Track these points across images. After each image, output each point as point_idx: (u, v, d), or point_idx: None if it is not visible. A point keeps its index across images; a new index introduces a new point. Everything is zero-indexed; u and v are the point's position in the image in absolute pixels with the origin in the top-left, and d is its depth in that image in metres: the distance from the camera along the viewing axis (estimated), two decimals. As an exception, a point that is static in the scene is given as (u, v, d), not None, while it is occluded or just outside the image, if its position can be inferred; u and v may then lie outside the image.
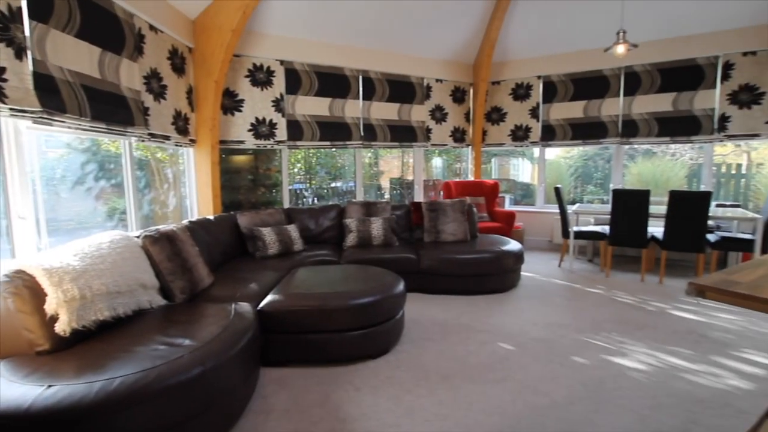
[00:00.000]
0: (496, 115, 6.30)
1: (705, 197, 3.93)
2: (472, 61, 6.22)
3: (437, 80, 6.00)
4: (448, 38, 5.72)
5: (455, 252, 3.92)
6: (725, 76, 4.86)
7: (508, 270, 3.97)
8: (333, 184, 7.11)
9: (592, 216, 5.30)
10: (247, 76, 4.74)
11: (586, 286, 4.17)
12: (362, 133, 5.47)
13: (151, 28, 3.52)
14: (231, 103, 4.68)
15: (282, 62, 4.90)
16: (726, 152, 6.33)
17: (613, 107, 5.49)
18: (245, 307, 2.35)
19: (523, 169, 7.96)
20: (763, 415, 0.95)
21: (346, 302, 2.50)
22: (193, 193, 4.48)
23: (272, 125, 4.90)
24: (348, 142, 5.41)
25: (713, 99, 4.94)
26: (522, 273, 4.52)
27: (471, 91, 6.34)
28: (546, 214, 6.07)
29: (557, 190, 4.82)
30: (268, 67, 4.83)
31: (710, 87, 4.94)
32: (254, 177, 5.71)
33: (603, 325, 3.15)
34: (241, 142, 4.76)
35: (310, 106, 5.12)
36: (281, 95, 4.92)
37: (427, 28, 5.41)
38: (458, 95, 6.23)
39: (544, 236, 6.13)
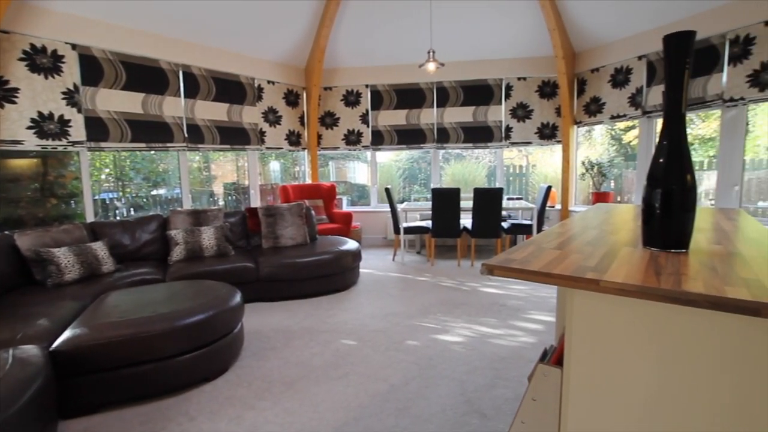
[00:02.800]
0: (329, 120, 6.48)
1: (499, 192, 4.82)
2: (305, 65, 6.27)
3: (269, 82, 5.86)
4: (281, 40, 5.65)
5: (295, 256, 3.90)
6: (507, 95, 6.05)
7: (348, 268, 4.14)
8: (154, 192, 6.25)
9: (418, 213, 5.94)
10: (22, 59, 3.77)
11: (416, 276, 4.65)
12: (186, 135, 4.95)
13: None
14: (-3, 92, 3.67)
15: (75, 46, 4.06)
16: (512, 156, 7.89)
17: (429, 116, 6.26)
18: (30, 351, 1.87)
19: (358, 171, 8.40)
20: (538, 360, 1.21)
21: (173, 324, 2.23)
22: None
23: (64, 122, 4.02)
24: (169, 144, 4.82)
25: (501, 113, 6.09)
26: (361, 270, 4.77)
27: (304, 95, 6.39)
28: (380, 213, 6.54)
29: (387, 191, 5.24)
30: (55, 51, 3.95)
31: (498, 103, 6.08)
32: (42, 186, 4.59)
33: (430, 308, 3.57)
34: (18, 142, 3.77)
35: (118, 102, 4.38)
36: (75, 86, 4.08)
37: (257, 27, 5.23)
38: (292, 98, 6.20)
39: (379, 234, 6.59)
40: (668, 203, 1.15)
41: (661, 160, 1.16)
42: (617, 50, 5.18)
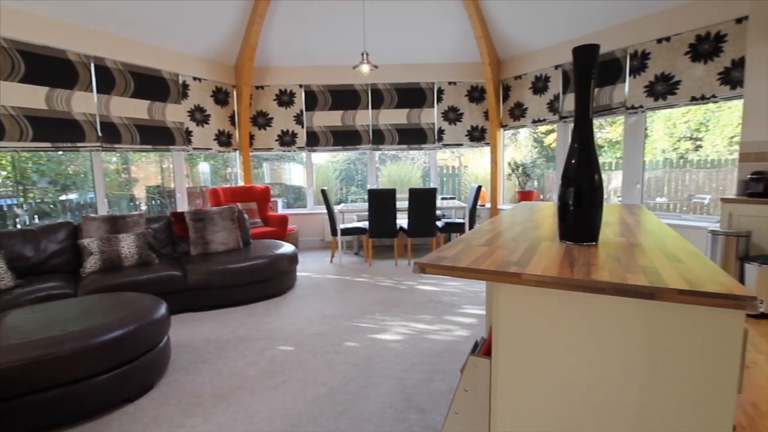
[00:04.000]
0: (262, 120, 6.27)
1: (432, 192, 4.97)
2: (234, 63, 6.02)
3: (196, 78, 5.53)
4: (208, 35, 5.36)
5: (227, 262, 3.72)
6: (439, 99, 6.26)
7: (284, 273, 4.04)
8: (63, 197, 5.63)
9: (355, 214, 5.94)
10: None
11: (355, 277, 4.65)
12: (100, 134, 4.52)
13: None
14: None
15: (-44, 32, 3.54)
16: (445, 157, 8.18)
17: (364, 118, 6.29)
18: None
19: (294, 173, 8.22)
20: (470, 352, 1.26)
21: (86, 342, 2.02)
22: None
23: (-55, 118, 3.49)
24: (80, 144, 4.37)
25: (433, 115, 6.28)
26: (298, 273, 4.67)
27: (235, 93, 6.12)
28: (317, 215, 6.45)
29: (324, 192, 5.19)
30: (-70, 36, 3.41)
31: (430, 106, 6.27)
32: None
33: (368, 308, 3.58)
34: None
35: (16, 96, 3.88)
36: (-41, 77, 3.56)
37: (181, 19, 4.91)
38: (221, 97, 5.92)
39: (316, 236, 6.50)
40: (579, 200, 1.25)
41: (572, 161, 1.26)
42: (537, 59, 5.57)
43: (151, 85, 5.01)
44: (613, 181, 6.72)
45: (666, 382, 0.92)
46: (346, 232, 5.33)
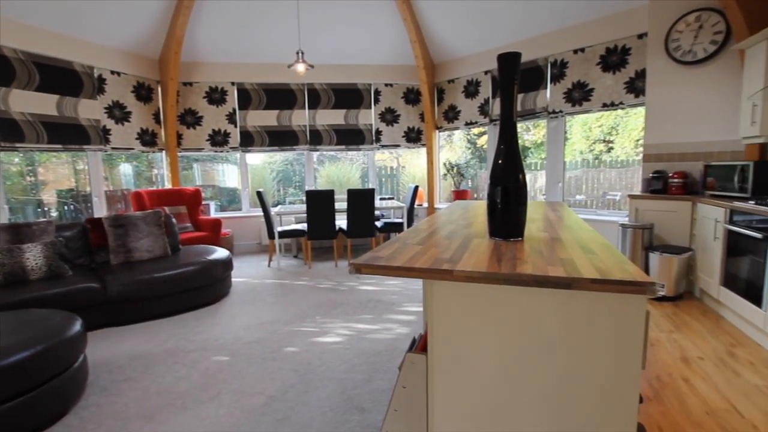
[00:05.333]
0: (191, 118, 5.93)
1: (371, 193, 5.00)
2: (158, 57, 5.62)
3: (114, 72, 5.09)
4: (127, 25, 4.94)
5: (154, 270, 3.46)
6: (376, 100, 6.31)
7: (218, 279, 3.84)
8: (-49, 203, 4.91)
9: (293, 215, 5.81)
10: None
11: (294, 280, 4.55)
12: (-3, 131, 4.00)
13: None
14: None
15: None
16: (384, 158, 8.27)
17: (301, 118, 6.17)
18: None
19: (228, 174, 7.86)
20: (407, 349, 1.28)
21: (-19, 367, 1.78)
22: None
23: None
24: (-29, 143, 3.84)
25: (371, 116, 6.32)
26: (233, 279, 4.48)
27: (159, 89, 5.72)
28: (253, 218, 6.22)
29: (259, 194, 5.01)
30: None
31: (368, 107, 6.30)
32: None
33: (308, 312, 3.52)
34: None
35: None
36: None
37: (97, 7, 4.49)
38: (143, 93, 5.49)
39: (253, 239, 6.27)
40: (506, 199, 1.32)
41: (499, 161, 1.33)
42: (469, 64, 5.82)
43: (61, 78, 4.53)
44: (538, 180, 7.20)
45: (582, 362, 1.00)
46: (284, 234, 5.20)
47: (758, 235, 2.60)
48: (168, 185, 5.90)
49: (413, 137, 6.45)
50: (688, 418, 1.90)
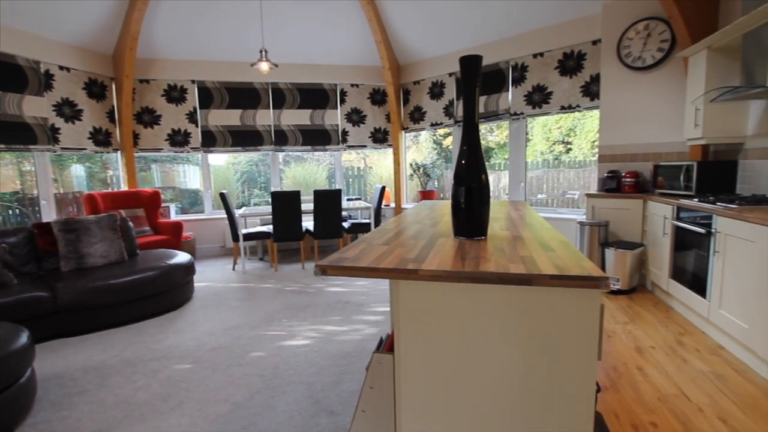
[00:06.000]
0: (148, 117, 5.68)
1: (338, 193, 4.98)
2: (112, 52, 5.35)
3: (63, 68, 4.80)
4: (77, 19, 4.67)
5: (109, 277, 3.29)
6: (342, 101, 6.28)
7: (179, 284, 3.71)
8: None
9: (258, 217, 5.69)
10: None
11: (259, 284, 4.45)
12: (-72, 130, 3.69)
13: None
14: None
15: None
16: (351, 158, 8.24)
17: (265, 118, 6.05)
18: None
19: (190, 175, 7.59)
20: (375, 350, 1.28)
21: None
22: None
23: None
24: None
25: (337, 117, 6.29)
26: (196, 284, 4.34)
27: (113, 86, 5.45)
28: (216, 220, 6.04)
29: (223, 196, 4.88)
30: None
31: (334, 107, 6.27)
32: None
33: (275, 315, 3.46)
34: None
35: None
36: None
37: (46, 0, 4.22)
38: (96, 90, 5.22)
39: (216, 242, 6.09)
40: (469, 198, 1.35)
41: (463, 162, 1.36)
42: (433, 66, 5.90)
43: (2, 72, 4.22)
44: (502, 180, 7.40)
45: (542, 355, 1.03)
46: (248, 237, 5.08)
47: (701, 231, 2.78)
48: (124, 187, 5.63)
49: (380, 138, 6.47)
50: (642, 405, 2.01)
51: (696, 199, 3.01)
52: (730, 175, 3.37)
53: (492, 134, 9.77)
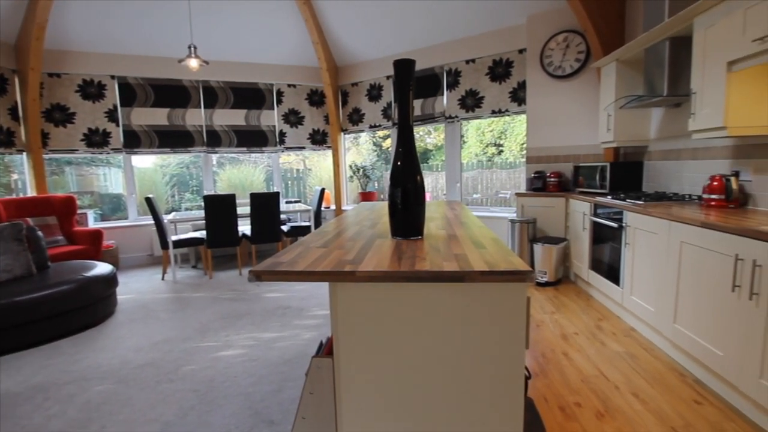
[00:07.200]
0: (60, 115, 5.15)
1: (275, 196, 4.84)
2: (14, 42, 4.78)
3: (-52, 57, 4.21)
4: (-40, 2, 4.11)
5: (14, 294, 2.93)
6: (279, 101, 6.13)
7: (100, 298, 3.39)
8: None
9: (190, 223, 5.38)
10: None
11: (192, 293, 4.21)
12: None
13: None
14: None
15: None
16: (290, 160, 8.06)
17: (196, 118, 5.74)
18: None
19: (112, 179, 6.98)
20: (314, 354, 1.26)
21: None
22: None
23: None
24: None
25: (274, 118, 6.12)
26: (119, 297, 4.00)
27: (16, 80, 4.87)
28: (143, 227, 5.62)
29: (149, 201, 4.55)
30: None
31: (270, 108, 6.09)
32: None
33: (209, 325, 3.28)
34: None
35: None
36: None
37: None
38: (-7, 84, 4.63)
39: (143, 251, 5.66)
40: (406, 199, 1.37)
41: (398, 163, 1.38)
42: (371, 69, 5.94)
43: None
44: (440, 181, 7.64)
45: (475, 348, 1.08)
46: (179, 243, 4.78)
47: (614, 225, 3.07)
48: (32, 192, 5.05)
49: (318, 139, 6.39)
50: (568, 387, 2.17)
51: (609, 197, 3.32)
52: (638, 175, 3.76)
53: (430, 136, 10.05)
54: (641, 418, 1.90)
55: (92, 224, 5.45)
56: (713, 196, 2.59)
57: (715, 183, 2.58)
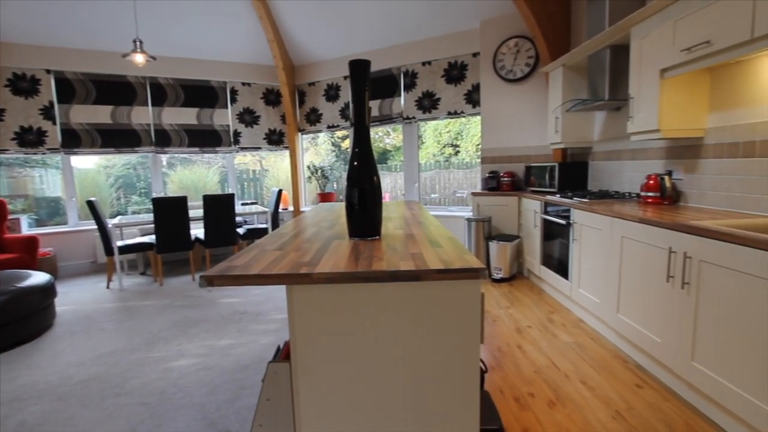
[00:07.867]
0: (-14, 112, 4.72)
1: (230, 198, 4.69)
2: (-74, 31, 4.33)
3: None
4: None
5: (-68, 308, 2.65)
6: (233, 100, 5.94)
7: (35, 310, 3.14)
8: None
9: (137, 227, 5.10)
10: None
11: (141, 301, 3.99)
12: None
13: None
14: None
15: None
16: (246, 161, 7.82)
17: (143, 116, 5.45)
18: None
19: (49, 181, 6.47)
20: (271, 359, 1.23)
21: None
22: None
23: None
24: None
25: (227, 117, 5.93)
26: (58, 308, 3.72)
27: (-69, 73, 4.42)
28: (84, 233, 5.26)
29: (90, 204, 4.27)
30: None
31: (224, 107, 5.89)
32: None
33: (160, 335, 3.12)
34: None
35: None
36: None
37: None
38: None
39: (85, 258, 5.30)
40: (362, 199, 1.37)
41: (355, 164, 1.38)
42: (329, 69, 5.89)
43: None
44: (398, 181, 7.70)
45: (432, 345, 1.09)
46: (126, 249, 4.51)
47: (563, 222, 3.23)
48: (-47, 197, 4.59)
49: (275, 139, 6.26)
50: (522, 378, 2.26)
51: (558, 195, 3.48)
52: (583, 174, 3.97)
53: (389, 137, 10.11)
54: (589, 404, 2.00)
55: (26, 230, 5.03)
56: (650, 194, 2.78)
57: (651, 182, 2.78)
